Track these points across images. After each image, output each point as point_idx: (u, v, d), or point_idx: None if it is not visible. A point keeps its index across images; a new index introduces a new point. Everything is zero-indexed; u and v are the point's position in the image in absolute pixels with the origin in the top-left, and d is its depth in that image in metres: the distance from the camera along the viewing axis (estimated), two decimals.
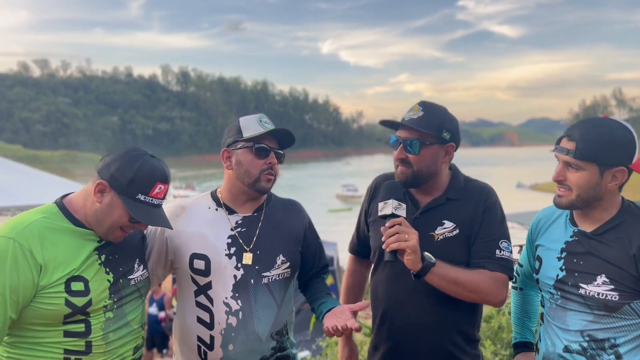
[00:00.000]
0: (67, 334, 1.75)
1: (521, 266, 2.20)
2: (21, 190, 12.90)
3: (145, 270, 2.01)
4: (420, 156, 2.10)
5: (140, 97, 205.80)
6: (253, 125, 2.11)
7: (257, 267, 2.10)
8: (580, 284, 1.81)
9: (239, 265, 2.09)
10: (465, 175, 2.26)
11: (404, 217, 1.97)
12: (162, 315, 8.91)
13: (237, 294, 2.07)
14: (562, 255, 1.88)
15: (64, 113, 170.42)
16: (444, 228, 2.12)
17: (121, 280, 1.87)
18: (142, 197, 1.79)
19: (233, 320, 2.06)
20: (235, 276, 2.08)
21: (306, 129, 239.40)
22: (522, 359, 2.20)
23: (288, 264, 2.16)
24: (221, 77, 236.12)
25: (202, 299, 2.10)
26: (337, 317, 2.01)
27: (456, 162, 2.29)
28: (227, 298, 2.07)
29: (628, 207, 1.85)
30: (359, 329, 1.94)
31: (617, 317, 1.76)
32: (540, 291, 2.00)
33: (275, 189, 2.27)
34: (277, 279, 2.13)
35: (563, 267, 1.87)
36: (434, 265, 1.95)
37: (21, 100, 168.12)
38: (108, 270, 1.84)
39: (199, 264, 2.09)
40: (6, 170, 14.64)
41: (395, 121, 2.17)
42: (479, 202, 2.15)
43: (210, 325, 2.08)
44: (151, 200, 1.81)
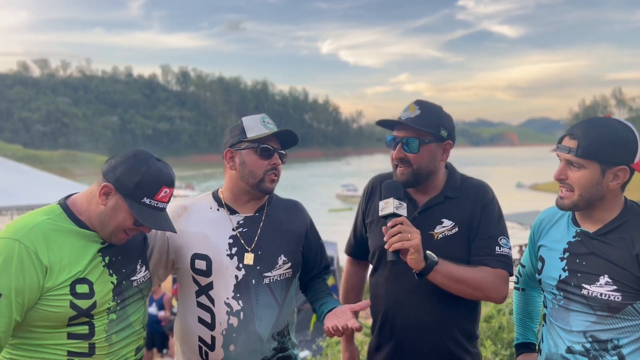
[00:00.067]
0: (70, 335, 1.74)
1: (523, 267, 2.18)
2: (21, 190, 12.91)
3: (147, 272, 2.01)
4: (420, 155, 2.09)
5: (140, 96, 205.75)
6: (256, 126, 2.10)
7: (258, 267, 2.09)
8: (583, 285, 1.79)
9: (241, 265, 2.08)
10: (461, 174, 2.26)
11: (405, 216, 1.96)
12: (162, 314, 8.91)
13: (238, 295, 2.06)
14: (565, 256, 1.87)
15: (64, 113, 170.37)
16: (443, 227, 2.12)
17: (124, 282, 1.87)
18: (147, 201, 1.78)
19: (234, 320, 2.05)
20: (236, 276, 2.07)
21: (306, 129, 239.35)
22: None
23: (289, 264, 2.15)
24: (221, 76, 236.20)
25: (204, 299, 2.09)
26: (338, 317, 2.00)
27: (456, 162, 2.29)
28: (228, 298, 2.06)
29: (631, 207, 1.84)
30: (359, 329, 1.93)
31: (620, 317, 1.75)
32: (543, 292, 1.99)
33: (275, 189, 2.26)
34: (279, 279, 2.12)
35: (566, 267, 1.85)
36: (436, 263, 1.94)
37: (21, 100, 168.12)
38: (111, 272, 1.83)
39: (200, 264, 2.09)
40: (6, 170, 14.64)
41: (393, 120, 2.15)
42: (477, 200, 2.15)
43: (211, 326, 2.07)
44: (156, 204, 1.80)
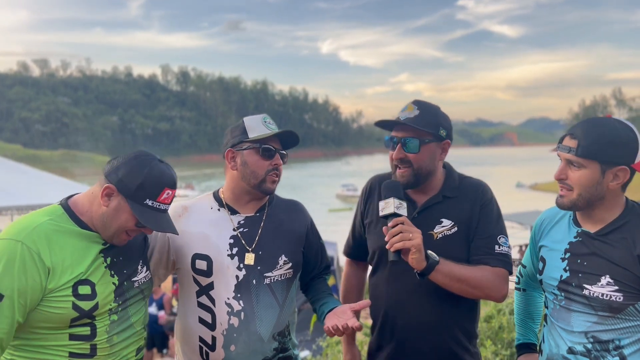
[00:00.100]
0: (72, 337, 1.74)
1: (524, 267, 2.18)
2: (21, 190, 12.91)
3: (148, 272, 2.00)
4: (420, 155, 2.09)
5: (140, 96, 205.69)
6: (258, 126, 2.11)
7: (259, 267, 2.09)
8: (584, 285, 1.79)
9: (241, 265, 2.08)
10: (459, 173, 2.26)
11: (405, 216, 1.95)
12: (162, 314, 8.91)
13: (239, 295, 2.06)
14: (566, 256, 1.86)
15: (64, 113, 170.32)
16: (443, 226, 2.12)
17: (125, 283, 1.86)
18: (149, 203, 1.78)
19: (235, 320, 2.05)
20: (237, 276, 2.07)
21: (306, 129, 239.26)
22: None
23: (290, 264, 2.15)
24: (221, 76, 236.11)
25: (204, 299, 2.09)
26: (338, 316, 2.00)
27: (456, 162, 2.29)
28: (229, 298, 2.06)
29: (632, 207, 1.83)
30: (359, 328, 1.93)
31: (621, 318, 1.75)
32: (544, 292, 1.99)
33: (276, 189, 2.27)
34: (279, 279, 2.12)
35: (567, 267, 1.85)
36: (438, 263, 1.94)
37: (21, 100, 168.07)
38: (113, 273, 1.83)
39: (201, 264, 2.08)
40: (6, 170, 14.64)
41: (392, 120, 2.14)
42: (475, 199, 2.15)
43: (212, 326, 2.07)
44: (159, 206, 1.80)
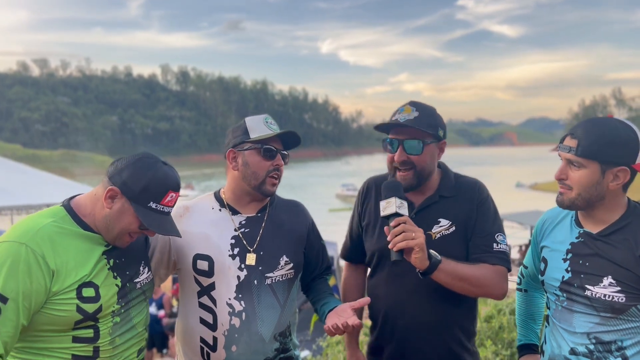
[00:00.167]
0: (75, 339, 1.73)
1: (526, 268, 2.17)
2: (20, 190, 12.89)
3: (149, 273, 2.00)
4: (422, 156, 2.09)
5: (140, 96, 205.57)
6: (259, 126, 2.10)
7: (260, 267, 2.09)
8: (586, 286, 1.78)
9: (243, 266, 2.08)
10: (454, 172, 2.26)
11: (407, 215, 1.95)
12: (162, 314, 8.91)
13: (240, 295, 2.06)
14: (568, 257, 1.86)
15: (63, 112, 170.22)
16: (441, 226, 2.13)
17: (128, 284, 1.86)
18: (153, 205, 1.77)
19: (236, 321, 2.04)
20: (238, 277, 2.07)
21: (305, 129, 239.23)
22: None
23: (291, 264, 2.15)
24: (221, 76, 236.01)
25: (205, 299, 2.08)
26: (339, 315, 2.00)
27: (456, 162, 2.30)
28: (230, 299, 2.05)
29: (634, 208, 1.83)
30: (359, 326, 1.94)
31: (623, 319, 1.74)
32: (546, 293, 1.99)
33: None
34: (281, 279, 2.12)
35: (569, 268, 1.84)
36: (440, 262, 1.94)
37: (20, 100, 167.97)
38: (116, 274, 1.82)
39: (203, 264, 2.08)
40: (5, 169, 14.62)
41: (396, 123, 2.11)
42: (472, 198, 2.16)
43: (213, 327, 2.06)
44: (162, 208, 1.80)
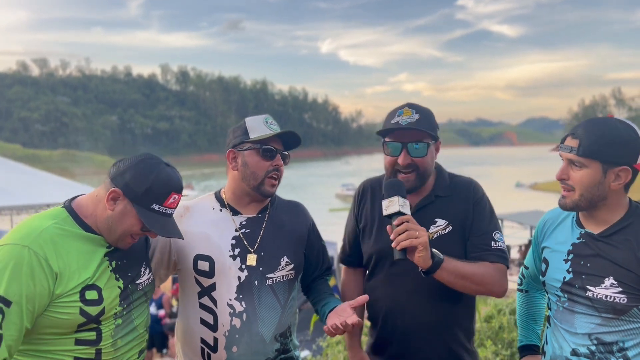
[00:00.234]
0: (78, 342, 1.72)
1: (527, 268, 2.17)
2: (20, 190, 12.91)
3: (150, 274, 1.99)
4: (426, 158, 2.10)
5: (140, 96, 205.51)
6: (259, 126, 2.10)
7: (261, 268, 2.08)
8: (587, 287, 1.78)
9: (243, 266, 2.07)
10: (448, 172, 2.27)
11: (409, 214, 1.94)
12: (162, 313, 8.91)
13: (241, 296, 2.05)
14: (569, 258, 1.86)
15: (63, 112, 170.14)
16: (437, 226, 2.12)
17: (130, 286, 1.85)
18: (156, 207, 1.76)
19: (237, 322, 2.04)
20: (239, 277, 2.06)
21: (305, 129, 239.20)
22: None
23: (292, 265, 2.15)
24: (220, 76, 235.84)
25: (206, 300, 2.08)
26: (338, 315, 2.00)
27: (456, 162, 2.32)
28: (231, 300, 2.05)
29: (636, 208, 1.83)
30: (359, 324, 1.94)
31: (625, 320, 1.74)
32: (547, 294, 1.98)
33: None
34: (281, 280, 2.12)
35: (570, 269, 1.84)
36: (443, 261, 1.94)
37: (20, 100, 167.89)
38: (118, 276, 1.81)
39: (203, 265, 2.07)
40: (5, 169, 14.63)
41: (401, 126, 2.08)
42: (468, 197, 2.17)
43: (214, 327, 2.06)
44: (165, 210, 1.79)
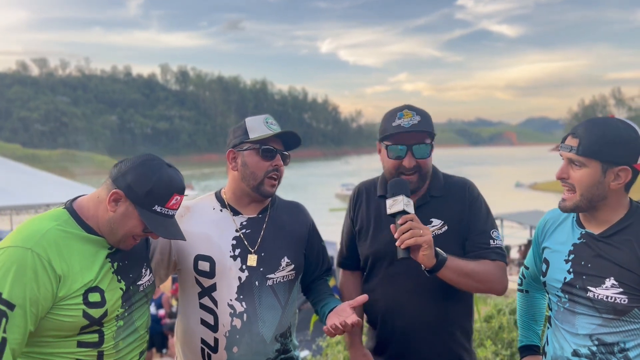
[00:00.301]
0: (80, 344, 1.71)
1: (527, 268, 2.17)
2: (20, 190, 12.89)
3: (151, 275, 1.99)
4: (429, 159, 2.12)
5: (139, 96, 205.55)
6: (259, 127, 2.09)
7: (261, 269, 2.08)
8: (588, 287, 1.78)
9: (244, 267, 2.07)
10: (443, 172, 2.27)
11: (413, 213, 1.94)
12: (162, 313, 8.90)
13: (241, 296, 2.05)
14: (570, 258, 1.85)
15: (63, 112, 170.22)
16: (433, 226, 2.13)
17: (131, 287, 1.85)
18: (158, 209, 1.76)
19: (237, 322, 2.04)
20: (239, 278, 2.06)
21: (305, 128, 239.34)
22: None
23: (293, 266, 2.14)
24: (220, 76, 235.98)
25: (207, 300, 2.08)
26: (338, 315, 2.00)
27: (455, 162, 2.33)
28: (231, 300, 2.05)
29: (637, 208, 1.82)
30: (359, 324, 1.94)
31: (626, 320, 1.73)
32: (548, 294, 1.98)
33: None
34: (282, 281, 2.12)
35: (571, 269, 1.84)
36: (446, 259, 1.94)
37: (20, 99, 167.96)
38: (120, 278, 1.81)
39: (204, 265, 2.07)
40: (5, 169, 14.61)
41: (403, 129, 2.06)
42: (463, 197, 2.17)
43: (214, 328, 2.06)
44: (167, 212, 1.78)
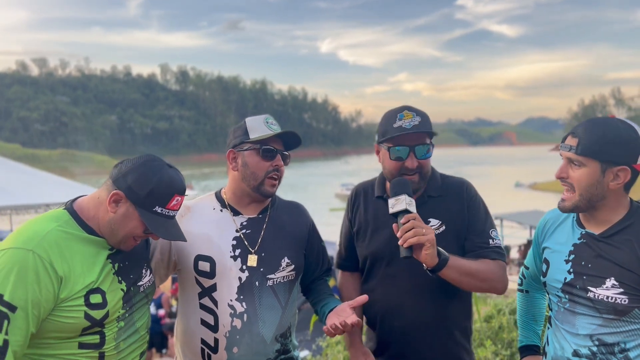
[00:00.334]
0: (82, 345, 1.71)
1: (527, 269, 2.16)
2: (19, 190, 12.89)
3: (151, 275, 1.99)
4: (429, 159, 2.12)
5: (139, 96, 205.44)
6: (260, 127, 2.09)
7: (262, 269, 2.08)
8: (588, 287, 1.78)
9: (244, 267, 2.07)
10: (440, 172, 2.27)
11: (415, 212, 1.95)
12: (162, 313, 8.89)
13: (242, 296, 2.05)
14: (570, 258, 1.85)
15: (63, 112, 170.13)
16: (431, 226, 2.12)
17: (132, 288, 1.84)
18: (159, 210, 1.75)
19: (238, 322, 2.04)
20: (240, 278, 2.06)
21: (305, 128, 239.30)
22: None
23: (293, 266, 2.14)
24: (220, 76, 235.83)
25: (207, 301, 2.07)
26: (338, 315, 2.00)
27: (455, 162, 2.33)
28: (232, 300, 2.04)
29: (637, 208, 1.82)
30: (358, 324, 1.94)
31: (626, 320, 1.73)
32: (548, 294, 1.98)
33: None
34: (282, 281, 2.11)
35: (571, 270, 1.84)
36: (449, 259, 1.95)
37: (19, 99, 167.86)
38: (120, 279, 1.80)
39: (204, 265, 2.07)
40: (4, 169, 14.61)
41: (405, 131, 2.05)
42: (461, 197, 2.18)
43: (214, 328, 2.06)
44: (167, 213, 1.77)
